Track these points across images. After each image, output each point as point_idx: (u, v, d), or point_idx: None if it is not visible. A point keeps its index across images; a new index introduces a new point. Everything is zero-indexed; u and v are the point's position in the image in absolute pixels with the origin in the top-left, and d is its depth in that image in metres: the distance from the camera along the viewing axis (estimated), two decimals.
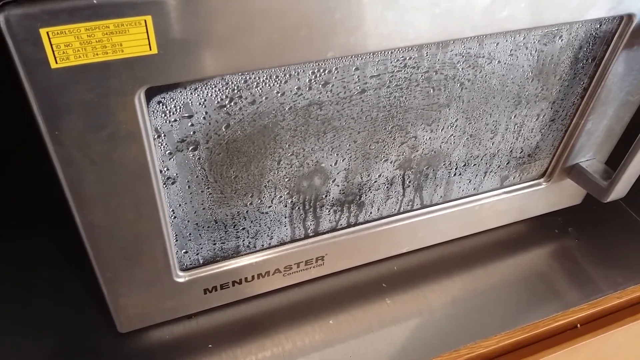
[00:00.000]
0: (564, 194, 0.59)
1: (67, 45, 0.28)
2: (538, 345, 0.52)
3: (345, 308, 0.52)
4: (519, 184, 0.55)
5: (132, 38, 0.29)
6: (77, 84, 0.29)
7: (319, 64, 0.36)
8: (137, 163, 0.34)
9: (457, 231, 0.57)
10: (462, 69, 0.41)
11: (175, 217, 0.41)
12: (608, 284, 0.56)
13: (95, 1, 0.27)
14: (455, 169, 0.50)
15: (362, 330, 0.50)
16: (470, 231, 0.58)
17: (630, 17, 0.43)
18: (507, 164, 0.52)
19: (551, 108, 0.49)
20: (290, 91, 0.37)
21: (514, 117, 0.48)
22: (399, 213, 0.51)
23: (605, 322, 0.55)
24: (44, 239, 0.55)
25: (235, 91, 0.35)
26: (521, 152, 0.52)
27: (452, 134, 0.46)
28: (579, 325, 0.54)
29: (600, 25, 0.44)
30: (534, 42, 0.42)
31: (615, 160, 0.51)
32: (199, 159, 0.38)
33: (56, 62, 0.28)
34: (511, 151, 0.51)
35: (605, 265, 0.58)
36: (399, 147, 0.45)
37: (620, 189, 0.52)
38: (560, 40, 0.43)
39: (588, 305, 0.54)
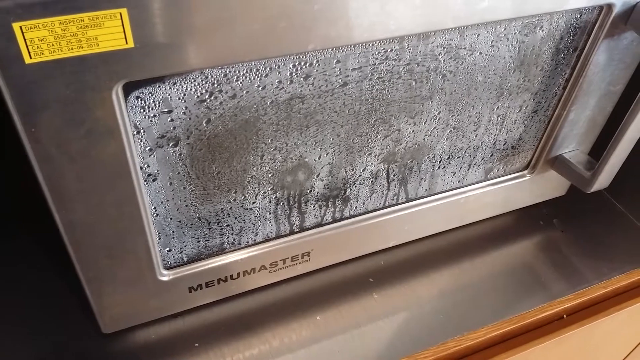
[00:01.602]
0: (548, 186, 0.59)
1: (41, 40, 0.27)
2: (525, 336, 0.53)
3: (332, 304, 0.51)
4: (503, 176, 0.55)
5: (108, 32, 0.28)
6: (52, 80, 0.29)
7: (299, 57, 0.36)
8: (117, 160, 0.34)
9: (443, 224, 0.57)
10: (444, 60, 0.41)
11: (157, 215, 0.40)
12: (593, 274, 0.56)
13: None
14: (440, 161, 0.50)
15: (350, 325, 0.50)
16: (456, 224, 0.58)
17: (609, 6, 0.43)
18: (490, 156, 0.52)
19: (533, 99, 0.49)
20: (272, 85, 0.36)
21: (497, 108, 0.48)
22: (384, 207, 0.51)
23: (592, 312, 0.55)
24: (26, 240, 0.54)
25: (215, 85, 0.35)
26: (504, 144, 0.52)
27: (436, 127, 0.46)
28: (565, 316, 0.54)
29: (580, 16, 0.44)
30: (515, 33, 0.42)
31: (599, 151, 0.52)
32: (180, 155, 0.37)
33: (30, 57, 0.28)
34: (495, 143, 0.51)
35: (590, 256, 0.58)
36: (382, 140, 0.45)
37: (604, 180, 0.52)
38: (541, 31, 0.43)
39: (574, 296, 0.54)
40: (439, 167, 0.50)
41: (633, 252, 0.59)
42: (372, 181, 0.48)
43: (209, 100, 0.35)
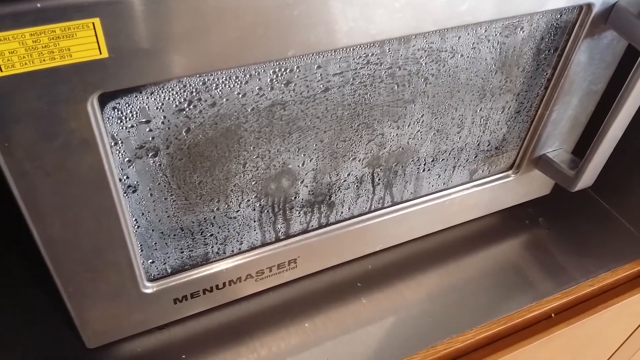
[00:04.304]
0: (532, 185, 0.59)
1: (12, 52, 0.27)
2: (514, 337, 0.53)
3: (320, 310, 0.51)
4: (488, 176, 0.55)
5: (81, 42, 0.27)
6: (24, 92, 0.28)
7: (279, 63, 0.35)
8: (94, 172, 0.33)
9: (429, 227, 0.57)
10: (426, 63, 0.41)
11: (138, 227, 0.39)
12: (580, 272, 0.56)
13: (39, 5, 0.26)
14: (424, 164, 0.50)
15: (339, 331, 0.49)
16: (442, 226, 0.58)
17: (589, 6, 0.43)
18: (475, 157, 0.52)
19: (516, 100, 0.49)
20: (252, 92, 0.36)
21: (480, 110, 0.48)
22: (370, 211, 0.51)
23: (579, 310, 0.55)
24: (5, 254, 0.53)
25: (194, 94, 0.34)
26: (488, 145, 0.52)
27: (419, 130, 0.46)
28: (553, 315, 0.54)
29: (560, 16, 0.44)
30: (496, 35, 0.42)
31: (582, 150, 0.52)
32: (160, 165, 0.37)
33: (1, 70, 0.27)
34: (478, 144, 0.51)
35: (576, 254, 0.58)
36: (366, 145, 0.44)
37: (588, 178, 0.52)
38: (521, 32, 0.43)
39: (561, 295, 0.55)
40: (423, 170, 0.50)
41: (619, 249, 0.59)
42: (357, 186, 0.47)
43: (188, 109, 0.35)
